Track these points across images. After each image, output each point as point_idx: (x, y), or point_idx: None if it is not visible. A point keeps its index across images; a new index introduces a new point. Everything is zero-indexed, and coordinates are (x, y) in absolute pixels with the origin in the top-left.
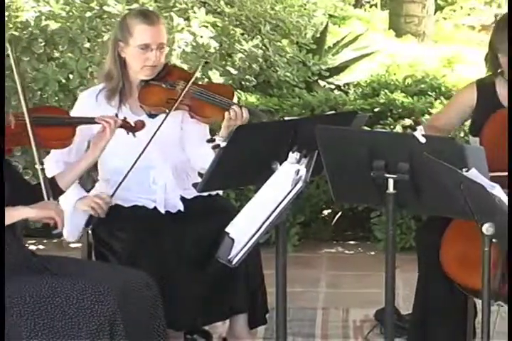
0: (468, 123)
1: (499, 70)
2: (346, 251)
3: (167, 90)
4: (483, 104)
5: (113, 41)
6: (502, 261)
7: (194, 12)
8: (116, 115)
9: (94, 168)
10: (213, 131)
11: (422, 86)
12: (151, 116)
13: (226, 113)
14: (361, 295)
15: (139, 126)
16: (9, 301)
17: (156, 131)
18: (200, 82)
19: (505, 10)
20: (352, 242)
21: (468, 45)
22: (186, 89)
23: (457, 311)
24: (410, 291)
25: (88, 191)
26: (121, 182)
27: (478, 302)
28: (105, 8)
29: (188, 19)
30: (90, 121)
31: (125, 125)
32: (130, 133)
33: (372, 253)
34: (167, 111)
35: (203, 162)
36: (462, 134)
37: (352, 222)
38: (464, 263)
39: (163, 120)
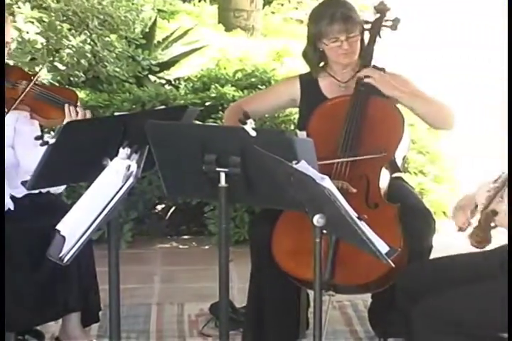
0: (297, 116)
1: (321, 64)
2: (180, 246)
3: (8, 89)
4: (308, 99)
5: None
6: (332, 251)
7: (19, 7)
8: None
9: None
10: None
11: (252, 80)
12: None
13: (67, 113)
14: (196, 290)
15: None
16: None
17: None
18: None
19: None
20: (186, 237)
21: (296, 39)
22: (28, 88)
23: (290, 302)
24: (245, 284)
25: None
26: None
27: (311, 292)
28: None
29: (12, 14)
30: None
31: None
32: None
33: (207, 247)
34: (6, 110)
35: (34, 164)
36: (293, 127)
37: (186, 217)
38: (295, 254)
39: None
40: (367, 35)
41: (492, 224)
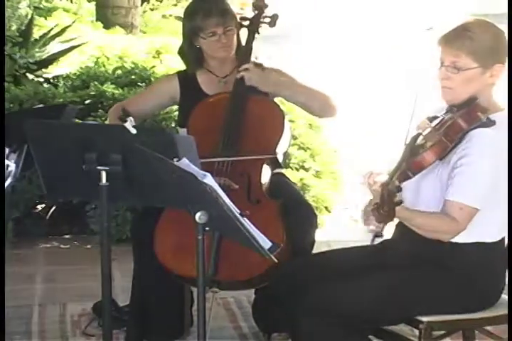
0: (178, 113)
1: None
2: (62, 246)
3: None
4: (187, 96)
5: None
6: (215, 248)
7: None
8: None
9: None
10: None
11: (132, 77)
12: None
13: None
14: (79, 289)
15: None
16: None
17: None
18: None
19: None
20: (68, 236)
21: (176, 36)
22: None
23: (174, 300)
24: (128, 283)
25: None
26: None
27: (195, 289)
28: None
29: None
30: None
31: None
32: None
33: (89, 246)
34: None
35: None
36: (173, 124)
37: (67, 216)
38: (177, 252)
39: None
40: (245, 32)
41: (395, 200)
